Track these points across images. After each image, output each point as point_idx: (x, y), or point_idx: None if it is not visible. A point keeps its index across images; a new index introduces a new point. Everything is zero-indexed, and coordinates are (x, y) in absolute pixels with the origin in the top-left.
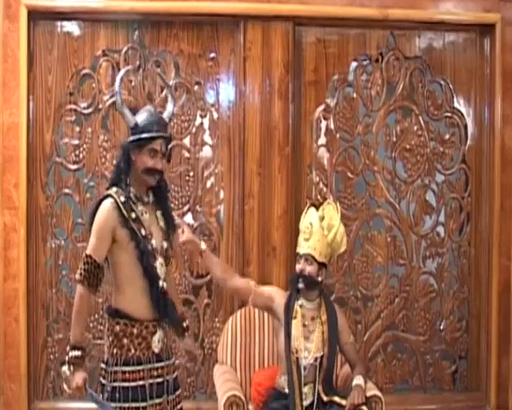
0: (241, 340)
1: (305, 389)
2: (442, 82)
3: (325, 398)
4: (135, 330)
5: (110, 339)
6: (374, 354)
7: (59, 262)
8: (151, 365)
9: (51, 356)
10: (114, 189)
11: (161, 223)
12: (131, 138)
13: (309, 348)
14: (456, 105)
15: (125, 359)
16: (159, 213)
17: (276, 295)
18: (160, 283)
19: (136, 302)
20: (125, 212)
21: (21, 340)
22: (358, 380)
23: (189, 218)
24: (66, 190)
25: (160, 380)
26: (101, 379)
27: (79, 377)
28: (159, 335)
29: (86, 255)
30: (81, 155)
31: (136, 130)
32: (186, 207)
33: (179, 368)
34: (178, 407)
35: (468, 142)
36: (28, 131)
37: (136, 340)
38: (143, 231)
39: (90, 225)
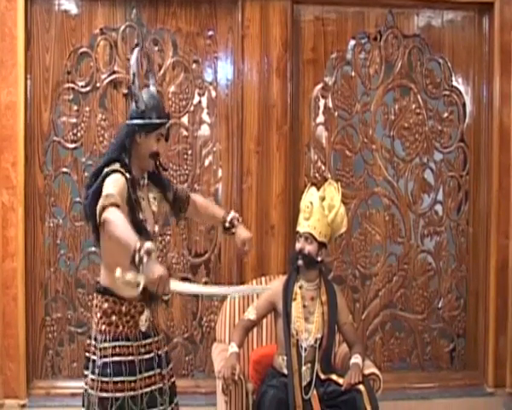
0: (240, 318)
1: (304, 369)
2: (440, 60)
3: (323, 376)
4: (123, 308)
5: (98, 316)
6: (372, 333)
7: (57, 241)
8: (138, 342)
9: (50, 335)
10: (117, 165)
11: (153, 206)
12: (142, 122)
13: (309, 330)
14: (454, 83)
15: (114, 335)
16: (151, 195)
17: (274, 293)
18: None
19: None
20: (131, 190)
21: (20, 319)
22: (356, 359)
23: None
24: (64, 169)
25: (148, 356)
26: (91, 355)
27: (159, 267)
28: (146, 315)
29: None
30: (79, 134)
31: (145, 113)
32: (184, 186)
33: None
34: (172, 380)
35: (467, 120)
36: (26, 110)
37: (125, 318)
38: (141, 215)
39: (96, 205)
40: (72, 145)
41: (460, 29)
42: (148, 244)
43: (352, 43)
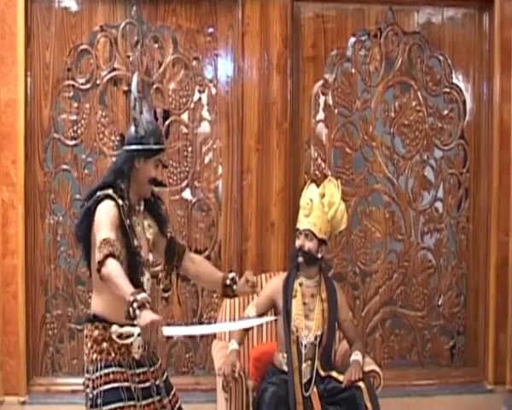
0: (240, 315)
1: (304, 366)
2: (441, 57)
3: (323, 373)
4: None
5: (89, 345)
6: (372, 330)
7: (57, 238)
8: (132, 370)
9: (50, 332)
10: (111, 190)
11: (147, 234)
12: (143, 147)
13: (309, 327)
14: (454, 81)
15: (106, 362)
16: (146, 223)
17: (274, 290)
18: None
19: (115, 306)
20: (123, 216)
21: (20, 316)
22: (356, 356)
23: (187, 193)
24: (65, 166)
25: (144, 385)
26: (87, 390)
27: (150, 314)
28: (139, 340)
29: (104, 239)
30: (79, 131)
31: (144, 139)
32: (184, 183)
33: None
34: (177, 405)
35: (467, 117)
36: (26, 108)
37: (116, 344)
38: (135, 242)
39: (86, 227)
40: (73, 142)
41: (460, 26)
42: (142, 296)
43: (352, 40)
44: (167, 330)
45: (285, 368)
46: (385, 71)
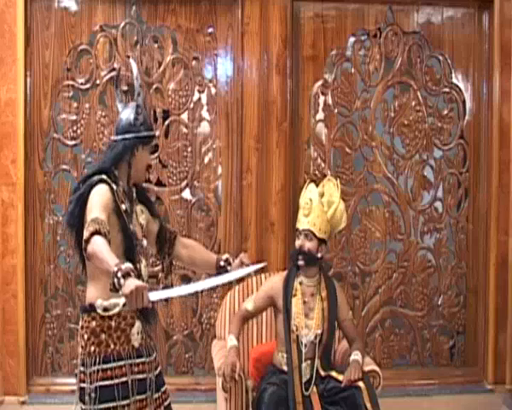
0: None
1: (304, 365)
2: (440, 57)
3: (323, 373)
4: (113, 323)
5: (86, 337)
6: (372, 330)
7: (57, 238)
8: (132, 360)
9: (49, 332)
10: (104, 176)
11: (140, 219)
12: (143, 134)
13: (309, 326)
14: (454, 80)
15: (105, 356)
16: (138, 208)
17: (274, 288)
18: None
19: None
20: (118, 201)
21: (20, 316)
22: (356, 356)
23: (187, 193)
24: (64, 166)
25: (141, 376)
26: (81, 384)
27: (135, 281)
28: (137, 326)
29: (92, 219)
30: (79, 131)
31: (143, 126)
32: (184, 183)
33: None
34: (166, 403)
35: (467, 117)
36: (26, 107)
37: (115, 334)
38: (131, 227)
39: (79, 214)
40: (72, 142)
41: (460, 26)
42: (126, 265)
43: (352, 39)
44: (153, 295)
45: (285, 368)
46: (384, 71)
